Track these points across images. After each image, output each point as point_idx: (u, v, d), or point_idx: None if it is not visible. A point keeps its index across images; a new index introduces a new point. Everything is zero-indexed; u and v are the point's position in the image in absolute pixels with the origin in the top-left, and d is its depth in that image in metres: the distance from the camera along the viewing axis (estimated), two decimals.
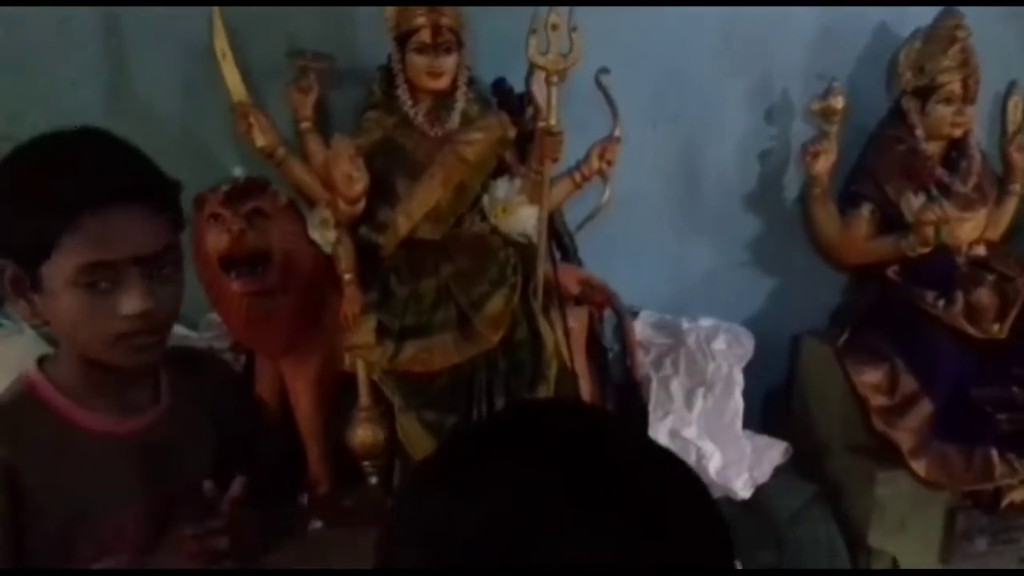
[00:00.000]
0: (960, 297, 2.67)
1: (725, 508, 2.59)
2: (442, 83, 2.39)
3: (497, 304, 2.32)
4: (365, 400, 2.35)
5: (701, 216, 3.02)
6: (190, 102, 2.52)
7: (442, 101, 2.43)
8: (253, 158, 2.40)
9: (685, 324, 2.83)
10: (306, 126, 2.44)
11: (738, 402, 2.71)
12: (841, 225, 2.87)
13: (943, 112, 2.80)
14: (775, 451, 2.73)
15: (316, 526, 2.31)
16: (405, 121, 2.40)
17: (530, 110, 2.57)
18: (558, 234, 2.63)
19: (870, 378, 2.70)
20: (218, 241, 2.12)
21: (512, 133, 2.45)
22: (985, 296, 2.69)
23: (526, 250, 2.45)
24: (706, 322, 2.85)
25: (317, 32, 2.54)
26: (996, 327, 2.68)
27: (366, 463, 2.38)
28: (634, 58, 2.65)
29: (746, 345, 2.81)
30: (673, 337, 2.82)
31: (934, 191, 2.74)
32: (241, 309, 2.20)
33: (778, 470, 2.73)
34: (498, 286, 2.34)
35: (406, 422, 2.29)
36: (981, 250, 2.84)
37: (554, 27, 2.25)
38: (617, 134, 2.54)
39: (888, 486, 2.64)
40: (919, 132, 2.83)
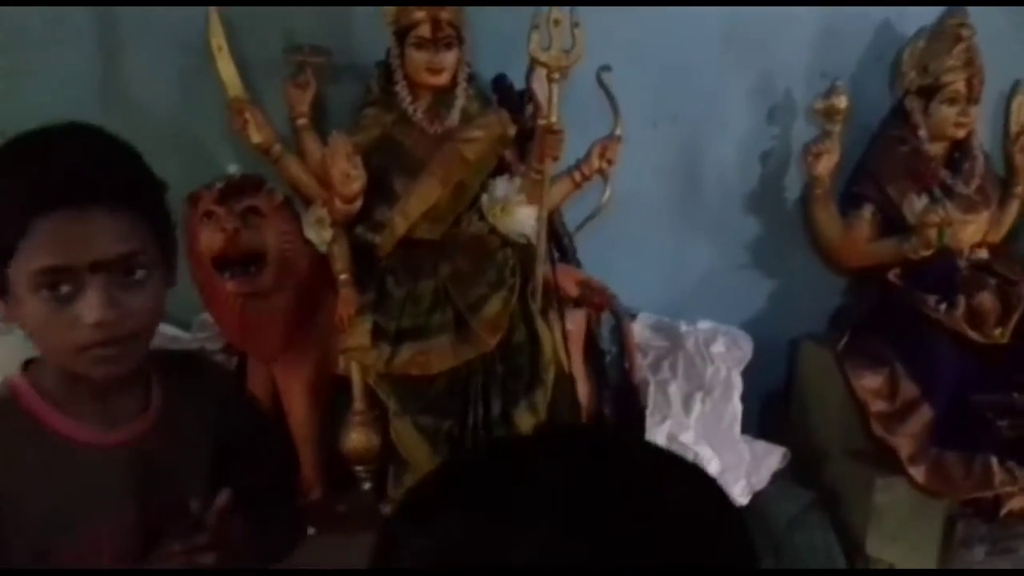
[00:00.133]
0: (962, 301, 2.64)
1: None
2: (442, 79, 2.33)
3: (495, 307, 2.28)
4: (359, 404, 2.31)
5: (701, 217, 2.99)
6: (185, 97, 2.46)
7: (442, 98, 2.37)
8: (248, 155, 2.35)
9: (683, 327, 2.80)
10: (303, 123, 2.38)
11: (736, 407, 2.67)
12: (842, 227, 2.83)
13: (947, 112, 2.77)
14: (773, 457, 2.69)
15: (309, 532, 2.27)
16: (404, 118, 2.35)
17: (530, 108, 2.52)
18: (557, 234, 2.59)
19: (870, 383, 2.67)
20: (212, 240, 2.07)
21: (512, 131, 2.41)
22: (987, 300, 2.66)
23: (525, 251, 2.41)
24: (704, 325, 2.82)
25: (314, 27, 2.49)
26: (998, 332, 2.65)
27: (359, 468, 2.36)
28: (634, 56, 2.61)
29: (744, 348, 2.78)
30: (671, 340, 2.79)
31: (937, 193, 2.72)
32: (235, 310, 2.16)
33: (776, 476, 2.70)
34: (496, 288, 2.30)
35: (401, 426, 2.25)
36: (983, 253, 2.82)
37: (556, 23, 2.21)
38: (618, 133, 2.50)
39: (887, 493, 2.61)
40: (922, 132, 2.81)
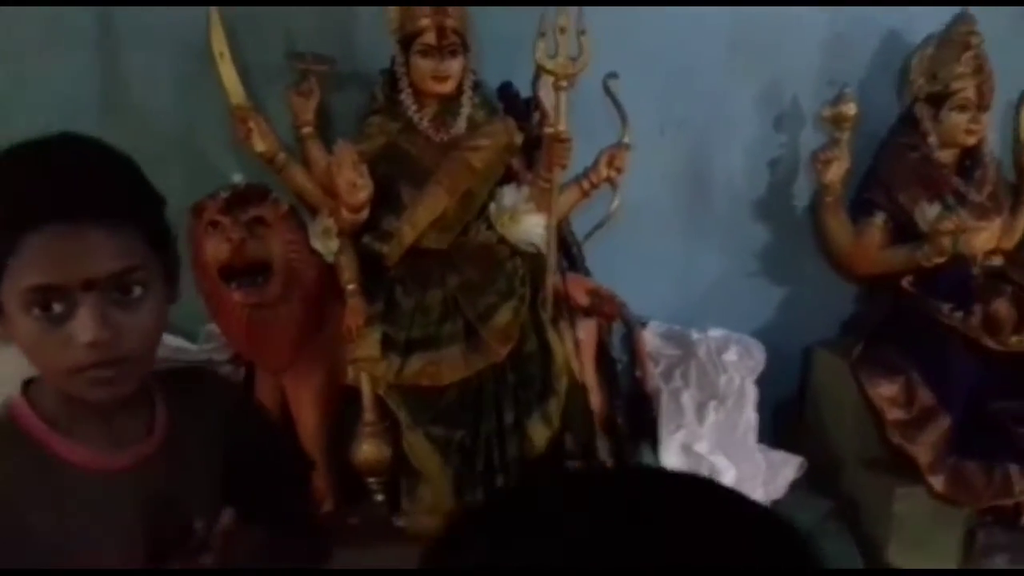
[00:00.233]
0: (978, 308, 2.60)
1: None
2: (447, 87, 2.30)
3: (505, 316, 2.24)
4: (370, 415, 2.27)
5: (709, 224, 2.96)
6: (186, 105, 2.44)
7: (447, 106, 2.35)
8: (251, 164, 2.32)
9: (695, 335, 2.76)
10: (307, 131, 2.35)
11: (751, 416, 2.64)
12: (853, 234, 2.80)
13: (957, 119, 2.74)
14: (790, 466, 2.65)
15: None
16: (409, 126, 2.32)
17: (536, 115, 2.50)
18: (565, 243, 2.55)
19: (886, 391, 2.62)
20: (218, 250, 2.04)
21: (519, 139, 2.39)
22: (1003, 307, 2.62)
23: (534, 260, 2.38)
24: (716, 333, 2.79)
25: (317, 34, 2.48)
26: (1015, 339, 2.61)
27: (371, 480, 2.31)
28: (641, 63, 2.59)
29: (757, 357, 2.75)
30: (682, 348, 2.76)
31: (950, 200, 2.69)
32: (242, 320, 2.13)
33: (792, 486, 2.66)
34: (506, 298, 2.27)
35: (412, 438, 2.21)
36: (998, 260, 2.78)
37: (562, 30, 2.19)
38: (626, 140, 2.46)
39: (906, 503, 2.56)
40: (932, 140, 2.77)
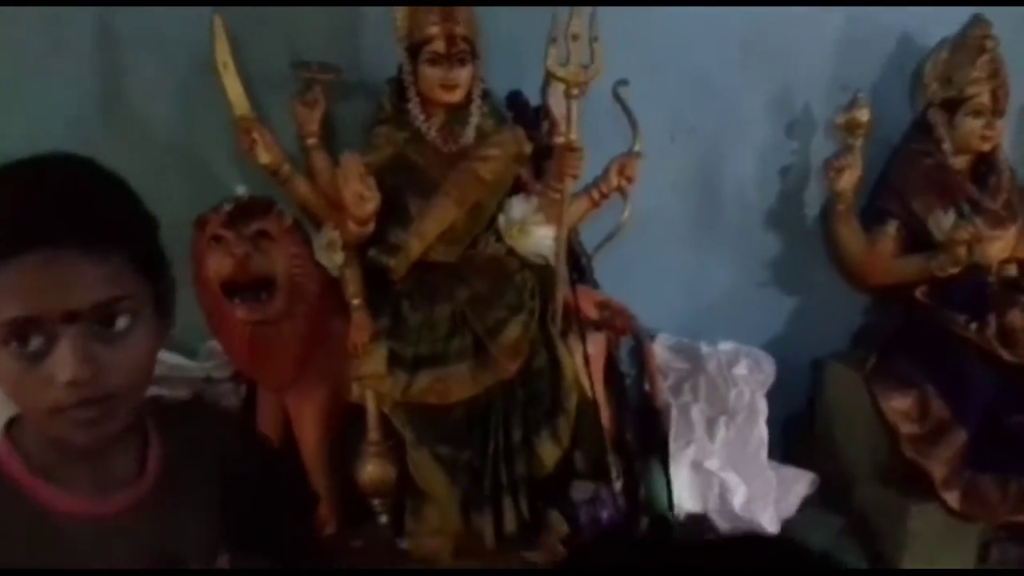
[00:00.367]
0: (993, 320, 2.55)
1: (751, 544, 2.51)
2: (456, 96, 2.24)
3: (515, 331, 2.18)
4: (374, 434, 2.21)
5: (719, 234, 2.92)
6: (188, 116, 2.37)
7: (455, 115, 2.29)
8: (254, 175, 2.25)
9: (704, 348, 2.72)
10: (312, 142, 2.29)
11: (762, 431, 2.59)
12: (866, 243, 2.74)
13: (972, 125, 2.69)
14: (802, 483, 2.60)
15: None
16: (417, 137, 2.26)
17: (545, 124, 2.45)
18: (574, 254, 2.49)
19: (899, 404, 2.57)
20: (221, 265, 1.98)
21: (528, 149, 2.32)
22: (1018, 318, 2.55)
23: (543, 272, 2.32)
24: (725, 346, 2.74)
25: (322, 41, 2.42)
26: None
27: (375, 501, 2.25)
28: (650, 69, 2.54)
29: (767, 370, 2.71)
30: (691, 362, 2.71)
31: (965, 208, 2.63)
32: (244, 337, 2.07)
33: (803, 502, 2.61)
34: (515, 312, 2.21)
35: (418, 457, 2.15)
36: (1012, 270, 2.72)
37: (574, 37, 2.13)
38: (637, 149, 2.41)
39: (921, 520, 2.52)
40: (946, 146, 2.73)
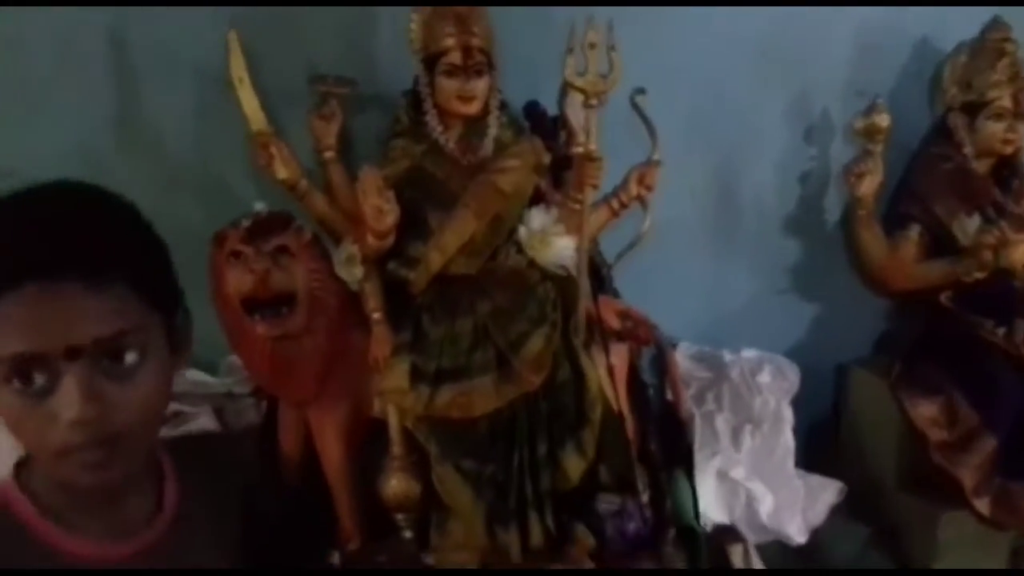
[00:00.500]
0: (1021, 324, 2.52)
1: (779, 555, 2.47)
2: (473, 108, 2.22)
3: (538, 344, 2.15)
4: (397, 449, 2.18)
5: (739, 241, 2.90)
6: (204, 132, 2.35)
7: (473, 127, 2.26)
8: (271, 191, 2.24)
9: (727, 356, 2.69)
10: (330, 156, 2.27)
11: (788, 440, 2.56)
12: (888, 248, 2.71)
13: (993, 128, 2.67)
14: (829, 492, 2.56)
15: None
16: (435, 149, 2.23)
17: (563, 134, 2.43)
18: (594, 265, 2.47)
19: (927, 411, 2.55)
20: (241, 282, 1.95)
21: (547, 159, 2.30)
22: None
23: (565, 283, 2.29)
24: (748, 353, 2.72)
25: (337, 55, 2.40)
26: None
27: (400, 516, 2.22)
28: (667, 77, 2.49)
29: (791, 378, 2.68)
30: (714, 370, 2.69)
31: (990, 212, 2.61)
32: (265, 352, 2.04)
33: (830, 511, 2.57)
34: (538, 324, 2.18)
35: (442, 472, 2.12)
36: None
37: (592, 46, 2.11)
38: (656, 157, 2.39)
39: (951, 528, 2.49)
40: (968, 150, 2.71)
